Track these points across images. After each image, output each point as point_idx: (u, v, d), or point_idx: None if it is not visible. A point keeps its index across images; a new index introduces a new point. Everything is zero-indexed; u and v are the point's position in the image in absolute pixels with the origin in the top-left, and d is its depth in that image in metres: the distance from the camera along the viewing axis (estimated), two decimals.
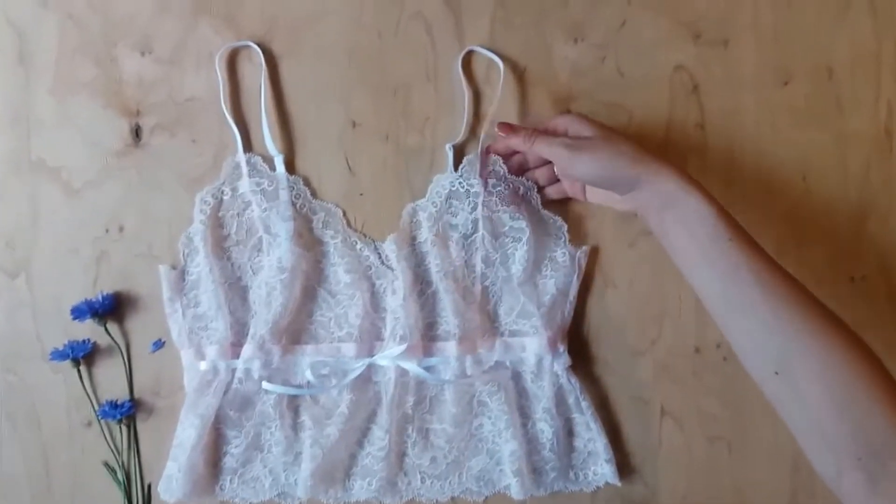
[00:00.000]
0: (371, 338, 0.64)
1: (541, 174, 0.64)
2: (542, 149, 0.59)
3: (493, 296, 0.65)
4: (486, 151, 0.64)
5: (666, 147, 0.66)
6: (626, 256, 0.66)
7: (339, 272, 0.64)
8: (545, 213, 0.65)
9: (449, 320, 0.63)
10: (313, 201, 0.65)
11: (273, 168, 0.64)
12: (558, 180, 0.64)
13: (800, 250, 0.66)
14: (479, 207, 0.63)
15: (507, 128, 0.61)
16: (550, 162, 0.62)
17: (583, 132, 0.58)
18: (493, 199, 0.63)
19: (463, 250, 0.64)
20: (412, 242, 0.65)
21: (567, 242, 0.65)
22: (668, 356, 0.66)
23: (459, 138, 0.65)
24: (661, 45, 0.66)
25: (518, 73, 0.66)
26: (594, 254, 0.66)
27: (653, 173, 0.55)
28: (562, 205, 0.66)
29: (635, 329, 0.66)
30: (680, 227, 0.53)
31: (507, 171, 0.64)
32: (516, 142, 0.61)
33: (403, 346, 0.62)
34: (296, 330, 0.64)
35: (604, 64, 0.66)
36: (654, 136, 0.66)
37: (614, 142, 0.57)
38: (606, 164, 0.56)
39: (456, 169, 0.64)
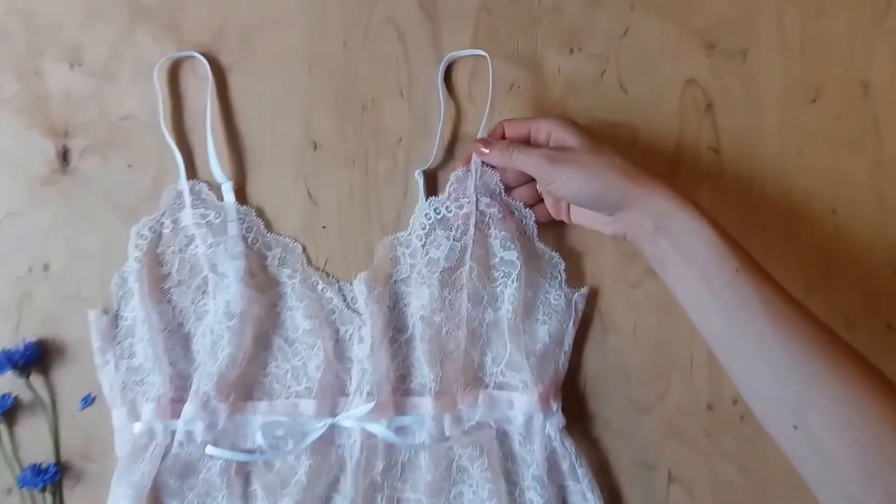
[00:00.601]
0: (334, 393, 0.60)
1: (522, 194, 0.61)
2: (520, 160, 0.56)
3: (478, 340, 0.60)
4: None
5: (675, 172, 0.63)
6: (629, 298, 0.62)
7: (298, 317, 0.60)
8: (540, 246, 0.61)
9: (424, 372, 0.59)
10: (268, 235, 0.62)
11: (221, 197, 0.61)
12: (541, 201, 0.61)
13: (830, 292, 0.62)
14: (471, 230, 0.59)
15: (483, 143, 0.58)
16: (533, 180, 0.59)
17: (567, 141, 0.55)
18: (486, 219, 0.59)
19: (445, 289, 0.59)
20: (386, 282, 0.60)
21: (563, 283, 0.61)
22: (677, 414, 0.62)
23: (431, 162, 0.61)
24: (670, 56, 0.63)
25: (505, 88, 0.62)
26: (593, 296, 0.62)
27: (644, 192, 0.51)
28: (557, 239, 0.62)
29: (639, 383, 0.62)
30: (677, 253, 0.50)
31: (503, 189, 0.60)
32: (493, 155, 0.58)
33: (371, 405, 0.57)
34: (246, 384, 0.60)
35: (603, 78, 0.63)
36: (662, 159, 0.63)
37: (601, 154, 0.53)
38: (592, 180, 0.53)
39: (427, 197, 0.60)
